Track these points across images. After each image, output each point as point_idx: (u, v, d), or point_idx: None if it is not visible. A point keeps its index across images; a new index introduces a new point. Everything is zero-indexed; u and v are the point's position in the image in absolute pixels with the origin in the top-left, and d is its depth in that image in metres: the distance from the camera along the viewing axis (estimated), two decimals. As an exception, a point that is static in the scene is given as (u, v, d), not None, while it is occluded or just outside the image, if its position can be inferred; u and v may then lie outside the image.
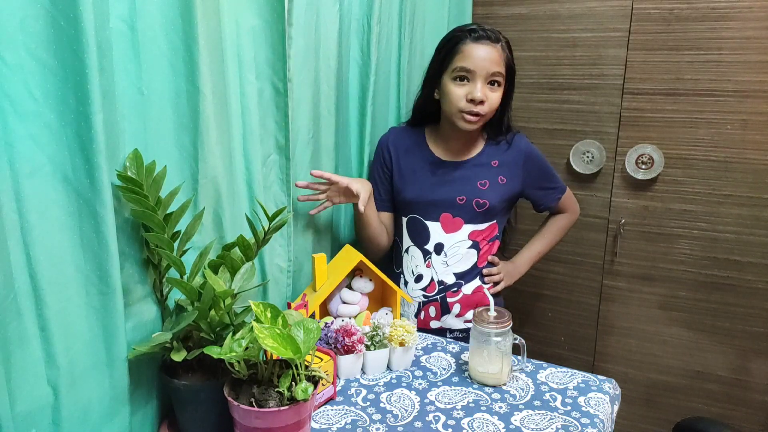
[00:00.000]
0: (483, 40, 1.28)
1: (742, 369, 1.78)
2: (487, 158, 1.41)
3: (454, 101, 1.30)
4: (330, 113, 1.31)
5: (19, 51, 0.69)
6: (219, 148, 1.00)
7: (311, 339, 0.88)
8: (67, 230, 0.77)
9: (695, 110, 1.68)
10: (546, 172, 1.48)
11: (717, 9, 1.60)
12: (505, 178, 1.40)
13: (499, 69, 1.29)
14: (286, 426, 0.86)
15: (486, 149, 1.41)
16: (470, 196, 1.38)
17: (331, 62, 1.28)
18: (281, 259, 1.22)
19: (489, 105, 1.30)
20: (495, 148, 1.41)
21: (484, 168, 1.40)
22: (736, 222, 1.70)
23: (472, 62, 1.27)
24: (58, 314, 0.77)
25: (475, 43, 1.28)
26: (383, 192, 1.46)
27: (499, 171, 1.40)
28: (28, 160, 0.72)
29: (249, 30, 1.06)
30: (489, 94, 1.29)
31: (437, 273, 1.42)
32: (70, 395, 0.79)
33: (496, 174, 1.40)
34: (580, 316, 1.97)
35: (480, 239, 1.42)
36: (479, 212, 1.39)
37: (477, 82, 1.28)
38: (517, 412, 1.06)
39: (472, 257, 1.42)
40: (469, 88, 1.28)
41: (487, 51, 1.28)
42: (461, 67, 1.28)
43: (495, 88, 1.31)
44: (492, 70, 1.28)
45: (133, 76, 0.86)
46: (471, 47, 1.28)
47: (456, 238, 1.40)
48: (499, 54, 1.29)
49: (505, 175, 1.40)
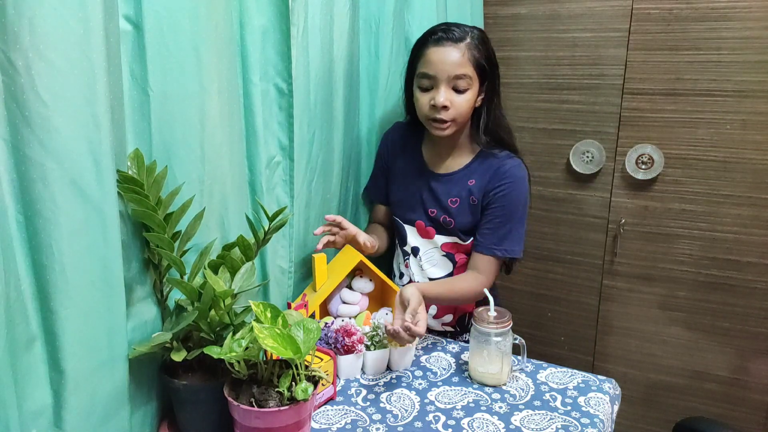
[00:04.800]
0: (443, 42, 1.20)
1: (742, 369, 1.78)
2: (466, 175, 1.32)
3: (420, 109, 1.25)
4: (339, 115, 1.31)
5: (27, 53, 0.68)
6: (224, 148, 1.00)
7: (311, 339, 0.88)
8: (74, 234, 0.76)
9: (695, 110, 1.68)
10: (502, 219, 1.28)
11: (717, 9, 1.60)
12: (476, 199, 1.30)
13: (463, 71, 1.20)
14: (286, 426, 0.86)
15: (472, 165, 1.32)
16: (439, 212, 1.34)
17: (341, 63, 1.28)
18: (283, 260, 1.22)
19: (456, 110, 1.22)
20: (481, 165, 1.31)
21: (457, 185, 1.32)
22: (735, 222, 1.70)
23: (432, 67, 1.20)
24: (63, 318, 0.76)
25: (435, 46, 1.21)
26: (382, 184, 1.47)
27: (473, 190, 1.30)
28: (35, 164, 0.71)
29: (254, 30, 1.06)
30: (454, 98, 1.21)
31: (414, 274, 1.42)
32: (71, 395, 0.79)
33: (469, 193, 1.31)
34: (579, 316, 1.97)
35: (455, 252, 1.37)
36: (448, 229, 1.35)
37: (440, 88, 1.21)
38: (517, 412, 1.06)
39: (448, 266, 1.38)
40: (432, 94, 1.22)
41: (448, 53, 1.19)
42: (423, 73, 1.23)
43: (461, 92, 1.22)
44: (454, 73, 1.19)
45: (138, 76, 0.86)
46: (431, 51, 1.21)
47: (429, 245, 1.39)
48: (462, 54, 1.20)
49: (477, 196, 1.30)
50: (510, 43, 1.87)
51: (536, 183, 1.93)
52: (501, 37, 1.88)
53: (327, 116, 1.27)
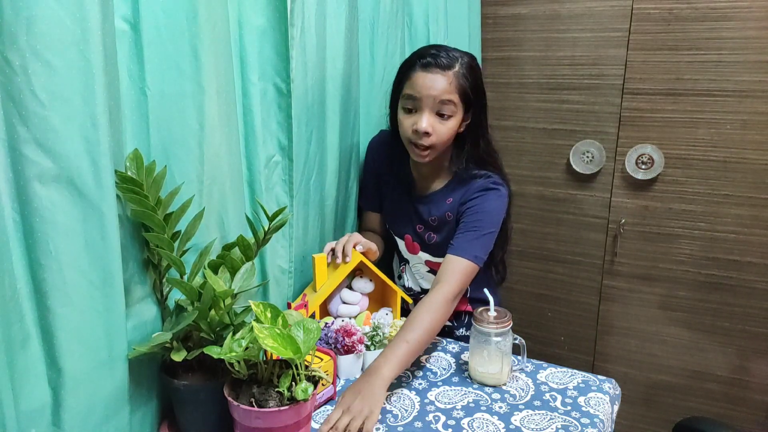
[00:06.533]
0: (431, 68, 1.17)
1: (742, 369, 1.78)
2: (444, 195, 1.31)
3: (403, 131, 1.23)
4: (335, 114, 1.31)
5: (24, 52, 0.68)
6: (223, 148, 1.00)
7: (311, 339, 0.88)
8: (71, 233, 0.76)
9: (695, 110, 1.68)
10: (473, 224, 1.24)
11: (717, 9, 1.60)
12: (451, 214, 1.29)
13: (449, 97, 1.17)
14: (286, 426, 0.86)
15: (450, 185, 1.30)
16: (425, 229, 1.36)
17: (337, 63, 1.28)
18: (283, 260, 1.22)
19: (437, 137, 1.19)
20: (459, 185, 1.29)
21: (436, 205, 1.32)
22: (735, 222, 1.70)
23: (417, 90, 1.18)
24: (60, 316, 0.76)
25: (423, 71, 1.18)
26: (373, 192, 1.47)
27: (449, 208, 1.30)
28: (32, 163, 0.71)
29: (252, 30, 1.05)
30: (437, 125, 1.19)
31: (408, 280, 1.48)
32: (71, 395, 0.79)
33: (445, 211, 1.30)
34: (580, 316, 1.97)
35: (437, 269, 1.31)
36: (430, 245, 1.37)
37: (423, 112, 1.18)
38: (517, 412, 1.06)
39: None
40: (415, 118, 1.20)
41: (435, 79, 1.17)
42: (408, 95, 1.20)
43: (445, 119, 1.19)
44: (440, 99, 1.17)
45: (136, 76, 0.86)
46: (418, 75, 1.18)
47: (416, 260, 1.42)
48: (449, 82, 1.17)
49: (452, 211, 1.29)
50: (510, 43, 1.87)
51: (536, 183, 1.94)
52: (501, 37, 1.88)
53: (324, 116, 1.28)
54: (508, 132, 1.92)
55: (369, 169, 1.46)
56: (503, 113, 1.92)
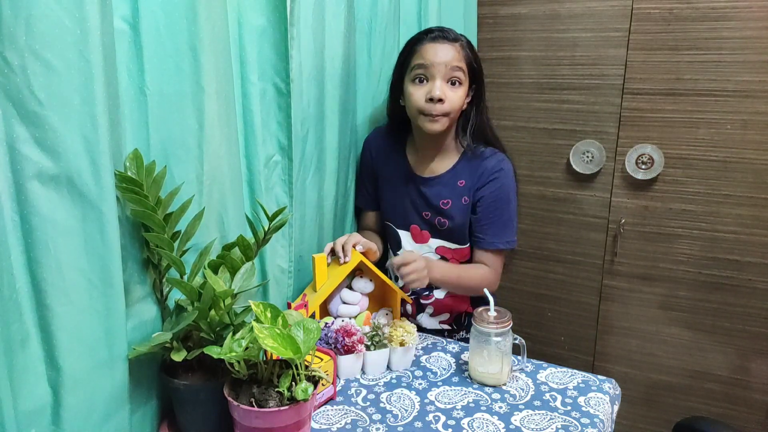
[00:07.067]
0: (440, 40, 1.26)
1: (742, 369, 1.78)
2: (454, 177, 1.34)
3: (414, 102, 1.26)
4: (334, 114, 1.31)
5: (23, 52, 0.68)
6: (222, 148, 1.00)
7: (311, 339, 0.88)
8: (71, 232, 0.76)
9: (695, 110, 1.68)
10: (497, 212, 1.33)
11: (717, 9, 1.60)
12: (468, 198, 1.33)
13: (459, 64, 1.25)
14: (286, 426, 0.86)
15: (458, 166, 1.34)
16: (434, 214, 1.36)
17: (336, 63, 1.28)
18: (282, 260, 1.22)
19: (450, 104, 1.25)
20: (468, 165, 1.34)
21: (448, 187, 1.34)
22: (736, 222, 1.70)
23: (428, 59, 1.24)
24: (60, 315, 0.76)
25: (432, 42, 1.26)
26: (371, 190, 1.47)
27: (463, 191, 1.33)
28: (31, 163, 0.71)
29: (252, 30, 1.06)
30: (449, 93, 1.25)
31: None
32: (70, 395, 0.79)
33: (460, 194, 1.34)
34: (580, 316, 1.96)
35: (449, 257, 1.39)
36: (443, 230, 1.37)
37: (436, 80, 1.24)
38: (517, 412, 1.06)
39: None
40: (428, 87, 1.25)
41: (445, 48, 1.25)
42: (418, 64, 1.25)
43: (456, 87, 1.26)
44: (451, 65, 1.24)
45: (135, 76, 0.86)
46: (428, 46, 1.25)
47: (424, 249, 1.41)
48: (457, 51, 1.25)
49: (468, 195, 1.33)
50: (510, 43, 1.87)
51: (536, 183, 1.94)
52: (501, 37, 1.88)
53: (323, 115, 1.28)
54: (508, 132, 1.92)
55: (365, 166, 1.47)
56: (503, 113, 1.91)
